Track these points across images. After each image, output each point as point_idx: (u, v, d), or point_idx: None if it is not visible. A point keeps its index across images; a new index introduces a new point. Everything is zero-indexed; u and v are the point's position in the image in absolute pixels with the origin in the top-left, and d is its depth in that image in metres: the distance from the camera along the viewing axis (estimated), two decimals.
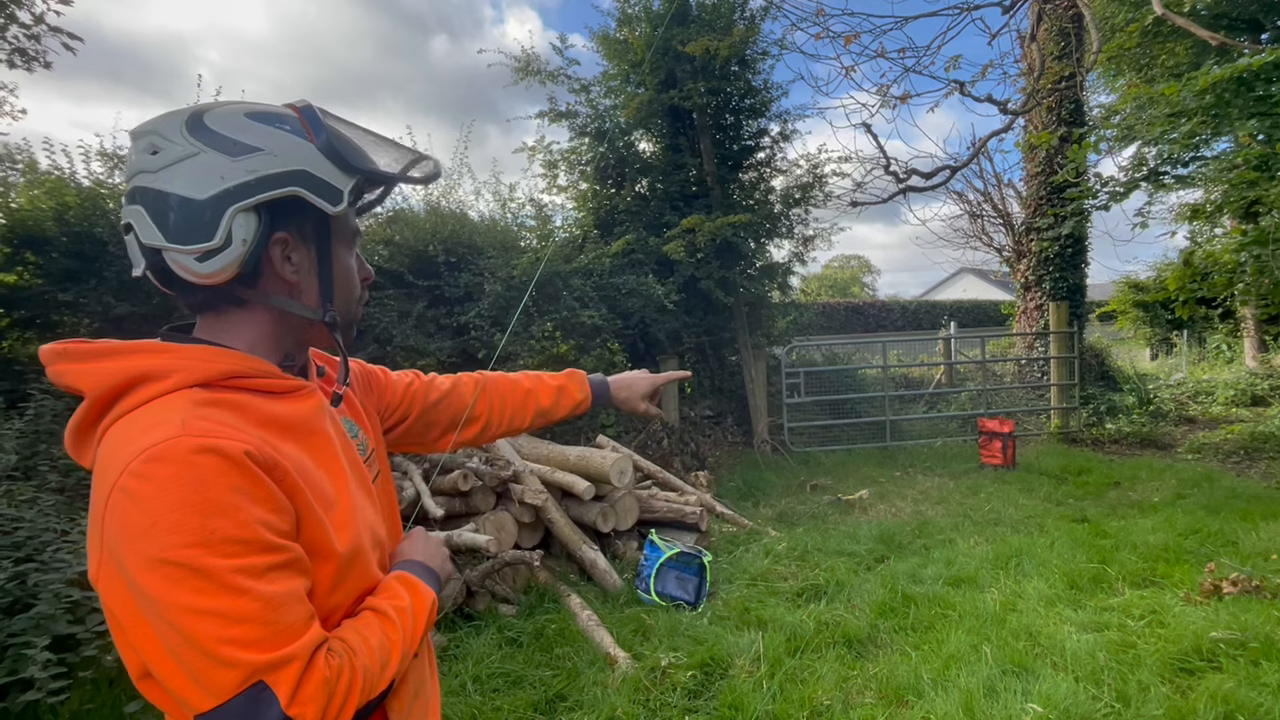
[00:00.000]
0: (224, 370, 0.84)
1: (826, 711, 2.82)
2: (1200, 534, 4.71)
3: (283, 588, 0.75)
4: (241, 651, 0.70)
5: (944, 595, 3.88)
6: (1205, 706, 2.66)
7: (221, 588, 0.70)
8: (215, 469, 0.73)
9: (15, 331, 5.19)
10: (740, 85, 8.17)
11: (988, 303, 23.50)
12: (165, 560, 0.69)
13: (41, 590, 2.71)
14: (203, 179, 0.82)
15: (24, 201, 5.08)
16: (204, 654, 0.69)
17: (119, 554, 0.71)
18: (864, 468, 7.59)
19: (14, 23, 5.62)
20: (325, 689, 0.74)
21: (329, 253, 0.93)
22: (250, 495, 0.75)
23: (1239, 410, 10.01)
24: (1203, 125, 6.12)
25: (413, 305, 6.33)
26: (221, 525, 0.72)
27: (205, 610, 0.70)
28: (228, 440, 0.75)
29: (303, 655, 0.74)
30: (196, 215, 0.82)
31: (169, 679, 0.72)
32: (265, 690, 0.71)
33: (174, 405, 0.78)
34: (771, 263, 8.89)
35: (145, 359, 0.81)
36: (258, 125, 0.85)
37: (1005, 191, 12.28)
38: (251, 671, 0.70)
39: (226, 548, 0.71)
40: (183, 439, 0.73)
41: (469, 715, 2.85)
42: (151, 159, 0.83)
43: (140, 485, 0.71)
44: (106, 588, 0.74)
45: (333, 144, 0.88)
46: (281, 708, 0.71)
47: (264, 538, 0.75)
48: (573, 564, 4.39)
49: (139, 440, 0.74)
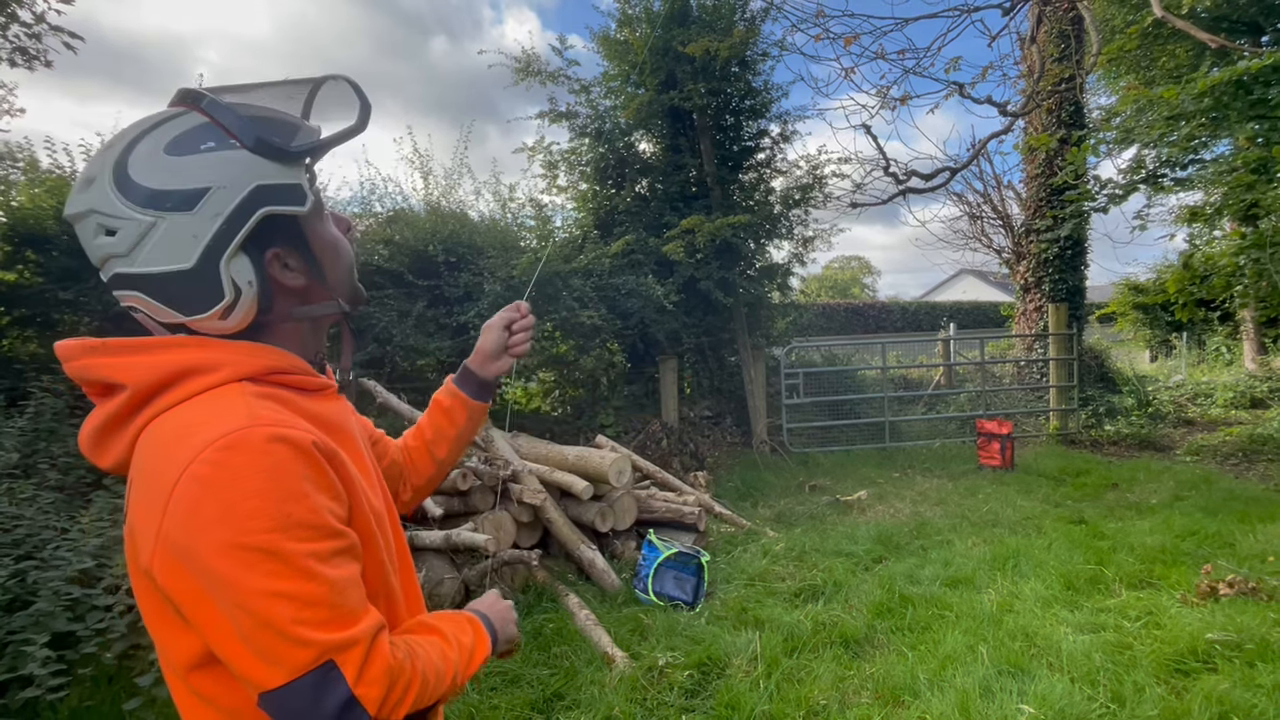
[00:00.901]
0: (267, 366, 0.86)
1: (823, 711, 2.83)
2: (1198, 536, 4.72)
3: (345, 572, 0.78)
4: (314, 631, 0.73)
5: (941, 596, 3.89)
6: (1200, 707, 2.67)
7: (296, 571, 0.73)
8: (288, 458, 0.76)
9: (15, 330, 5.20)
10: (740, 86, 8.17)
11: (987, 304, 23.51)
12: (242, 545, 0.72)
13: (41, 588, 2.72)
14: (179, 247, 0.79)
15: (25, 200, 5.09)
16: (278, 634, 0.72)
17: (186, 541, 0.72)
18: (863, 469, 7.60)
19: (15, 21, 5.63)
20: (389, 675, 0.77)
21: (309, 243, 0.90)
22: (316, 483, 0.78)
23: (1238, 412, 10.02)
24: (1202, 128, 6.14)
25: (412, 305, 6.34)
26: (295, 511, 0.75)
27: (281, 593, 0.72)
28: (297, 431, 0.78)
29: (365, 638, 0.76)
30: (196, 283, 0.81)
31: (236, 660, 0.74)
32: (334, 669, 0.74)
33: (231, 397, 0.80)
34: (771, 263, 8.90)
35: (193, 353, 0.82)
36: (185, 159, 0.80)
37: (1005, 193, 12.31)
38: (322, 651, 0.73)
39: (300, 532, 0.74)
40: (256, 428, 0.76)
41: (467, 714, 2.86)
42: (112, 242, 0.79)
43: (215, 472, 0.73)
44: (165, 575, 0.74)
45: (262, 138, 0.82)
46: (349, 686, 0.74)
47: (330, 524, 0.78)
48: (571, 563, 4.40)
49: (205, 430, 0.75)
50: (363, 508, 0.86)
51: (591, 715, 2.82)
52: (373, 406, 5.19)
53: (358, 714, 0.74)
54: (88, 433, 0.85)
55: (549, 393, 8.63)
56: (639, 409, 7.92)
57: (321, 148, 0.88)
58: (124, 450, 0.82)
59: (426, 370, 6.97)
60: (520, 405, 8.34)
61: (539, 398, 8.64)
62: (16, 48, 5.67)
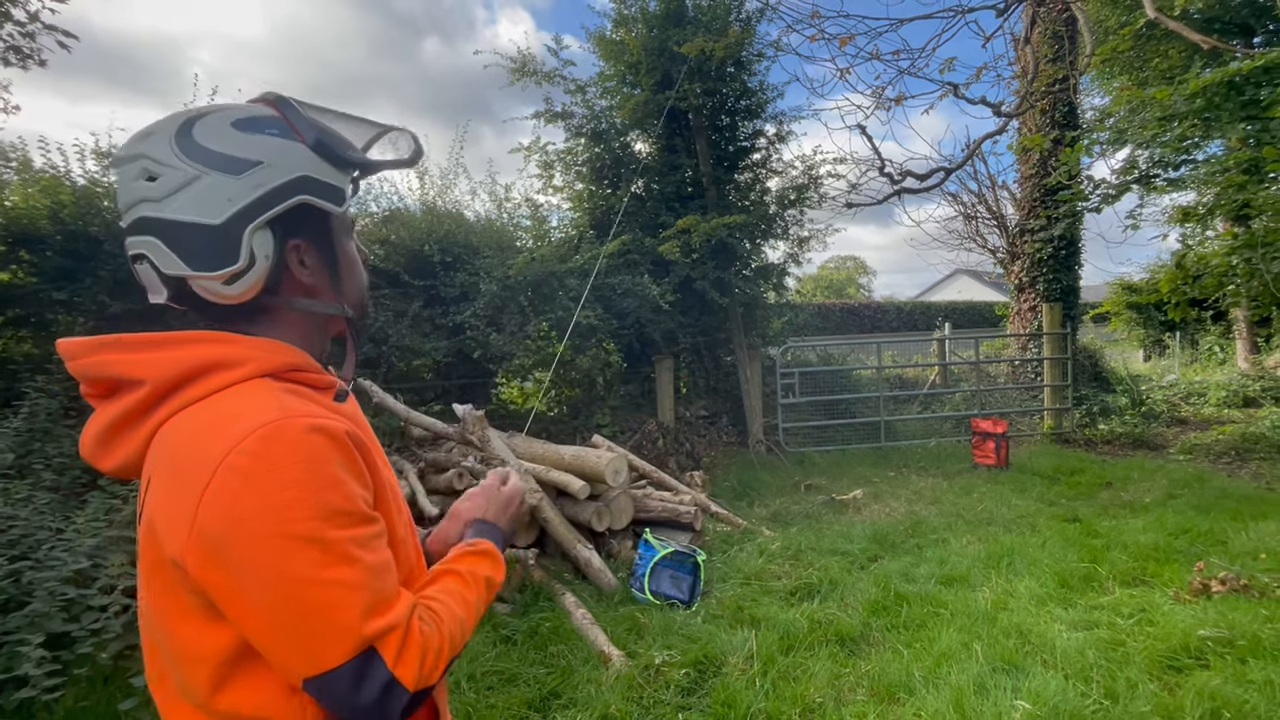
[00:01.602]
0: (288, 363, 0.87)
1: (819, 709, 2.84)
2: (1190, 534, 4.75)
3: (381, 557, 0.81)
4: (357, 618, 0.75)
5: (936, 594, 3.91)
6: (1192, 704, 2.69)
7: (338, 558, 0.75)
8: (325, 447, 0.78)
9: (9, 330, 5.18)
10: (736, 86, 8.19)
11: (982, 304, 23.59)
12: (285, 534, 0.73)
13: (36, 588, 2.72)
14: (212, 203, 0.82)
15: (19, 200, 5.07)
16: (322, 622, 0.74)
17: (225, 531, 0.73)
18: (858, 468, 7.63)
19: (9, 20, 5.61)
20: (420, 651, 0.80)
21: (334, 250, 0.95)
22: (350, 471, 0.81)
23: (1231, 411, 10.07)
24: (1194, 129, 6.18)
25: (408, 305, 6.33)
26: (333, 499, 0.77)
27: (325, 580, 0.74)
28: (332, 421, 0.81)
29: (402, 622, 0.79)
30: (216, 241, 0.82)
31: (279, 649, 0.75)
32: (375, 655, 0.76)
33: (259, 391, 0.81)
34: (767, 263, 8.91)
35: (216, 348, 0.83)
36: (248, 136, 0.84)
37: (999, 193, 12.36)
38: (365, 638, 0.76)
39: (339, 520, 0.77)
40: (294, 419, 0.77)
41: (464, 713, 2.87)
42: (150, 186, 0.82)
43: (254, 463, 0.74)
44: (200, 567, 0.74)
45: (322, 141, 0.88)
46: (389, 669, 0.77)
47: (364, 510, 0.81)
48: (567, 563, 4.41)
49: (239, 422, 0.76)
50: (386, 494, 0.89)
51: (588, 714, 2.83)
52: (369, 406, 5.18)
53: (398, 694, 0.77)
54: (92, 434, 0.84)
55: (545, 393, 8.63)
56: (635, 409, 7.93)
57: (372, 167, 0.95)
58: (136, 448, 0.82)
59: (422, 370, 6.97)
60: (516, 405, 8.34)
61: (535, 398, 8.63)
62: (10, 46, 5.65)
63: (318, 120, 0.91)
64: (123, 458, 0.83)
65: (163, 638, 0.82)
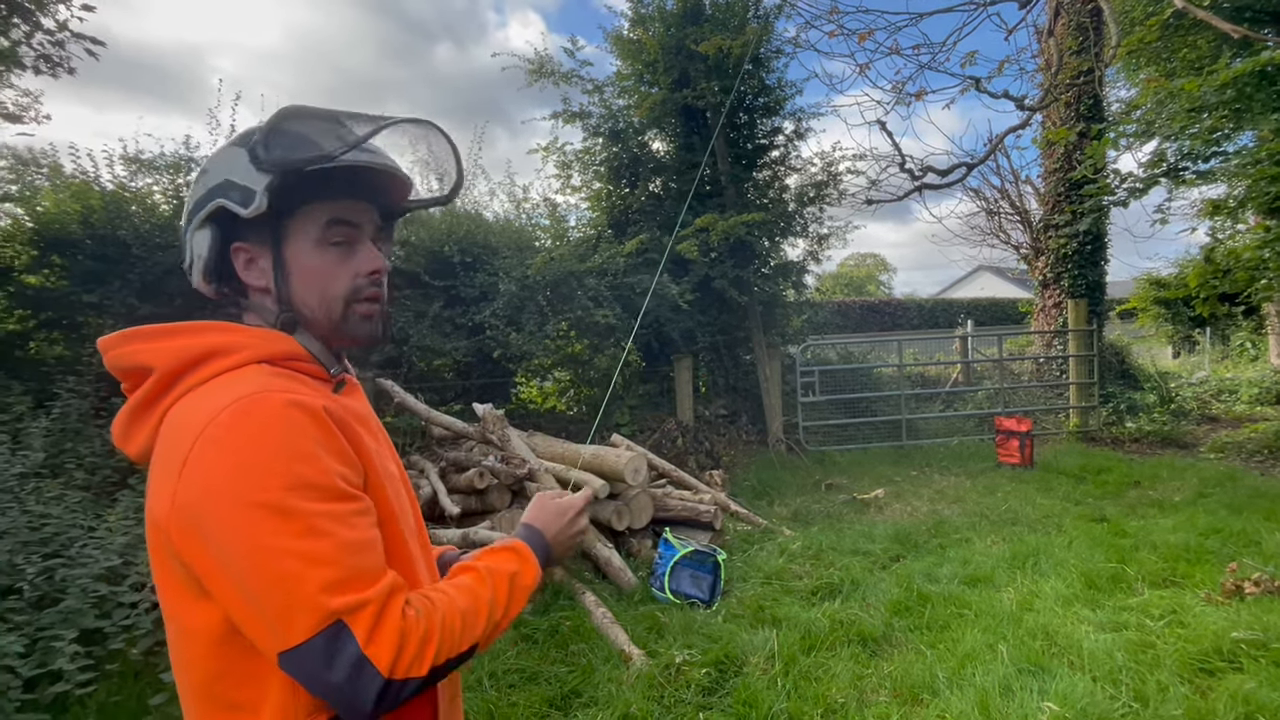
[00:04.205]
0: (285, 351, 0.90)
1: (841, 709, 2.82)
2: (1222, 534, 4.64)
3: (359, 535, 0.80)
4: (323, 591, 0.75)
5: (960, 594, 3.86)
6: (1225, 707, 2.63)
7: (306, 529, 0.75)
8: (300, 420, 0.79)
9: (41, 333, 5.30)
10: (754, 84, 8.15)
11: (1005, 300, 23.24)
12: (253, 502, 0.74)
13: (69, 585, 2.78)
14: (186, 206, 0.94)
15: (50, 205, 5.19)
16: (288, 593, 0.74)
17: (200, 501, 0.75)
18: (879, 467, 7.56)
19: (39, 30, 5.73)
20: (399, 635, 0.77)
21: (281, 254, 0.92)
22: (327, 447, 0.81)
23: (1263, 409, 9.84)
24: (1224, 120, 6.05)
25: (429, 305, 6.38)
26: (306, 471, 0.77)
27: (290, 551, 0.74)
28: (308, 397, 0.82)
29: (377, 599, 0.77)
30: (182, 239, 0.95)
31: (252, 622, 0.76)
32: (344, 629, 0.75)
33: (248, 374, 0.84)
34: (786, 261, 8.86)
35: (215, 336, 0.87)
36: (223, 148, 0.92)
37: (1023, 188, 12.17)
38: (331, 611, 0.75)
39: (310, 492, 0.77)
40: (269, 394, 0.79)
41: (485, 711, 2.88)
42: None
43: (228, 434, 0.76)
44: (182, 540, 0.77)
45: (256, 145, 0.86)
46: (360, 646, 0.75)
47: (340, 486, 0.80)
48: (587, 562, 4.41)
49: (218, 399, 0.79)
50: (379, 479, 0.89)
51: (609, 712, 2.83)
52: (390, 406, 5.23)
53: (369, 674, 0.75)
54: (119, 421, 0.89)
55: (564, 392, 8.66)
56: (654, 408, 7.93)
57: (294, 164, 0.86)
58: (150, 433, 0.86)
59: (443, 370, 7.02)
60: (536, 404, 8.38)
61: (554, 397, 8.67)
62: (41, 55, 5.77)
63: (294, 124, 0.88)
64: (140, 443, 0.87)
65: (167, 620, 0.85)
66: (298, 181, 0.87)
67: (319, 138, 0.88)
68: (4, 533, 2.93)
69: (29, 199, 5.25)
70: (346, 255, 0.95)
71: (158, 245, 5.08)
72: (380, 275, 0.99)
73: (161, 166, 5.57)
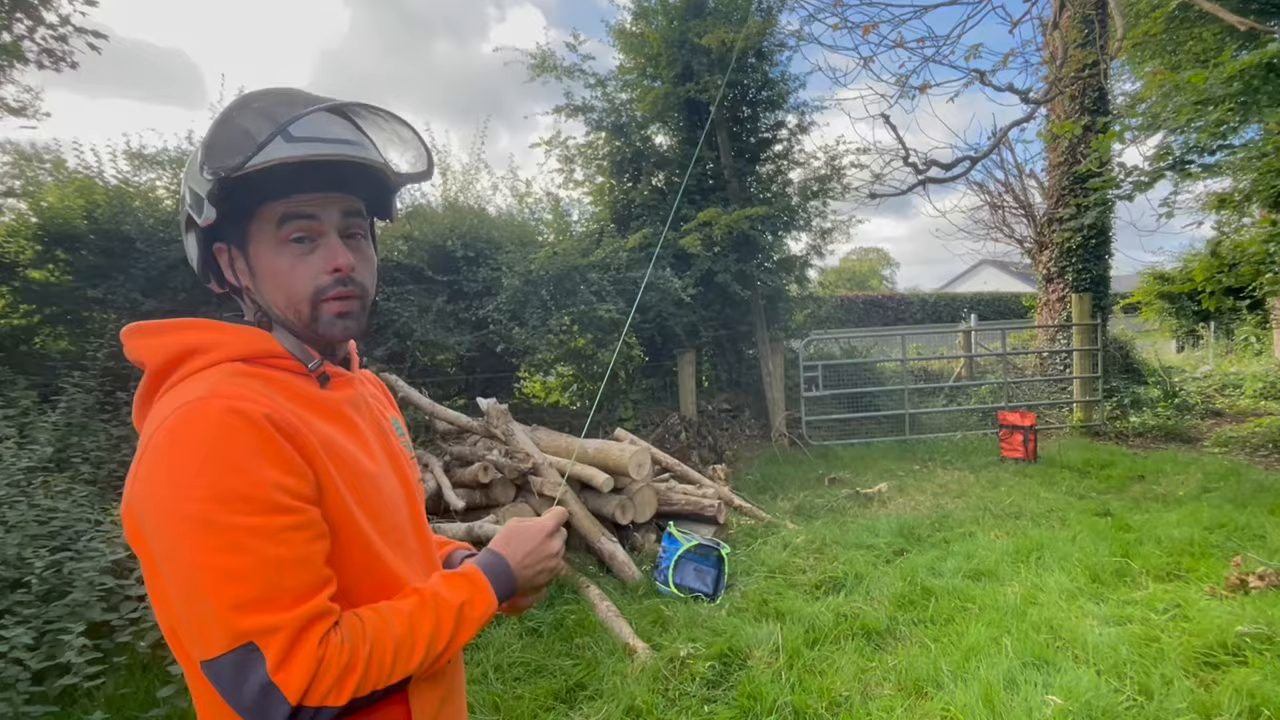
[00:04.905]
0: (262, 349, 0.90)
1: (845, 702, 2.83)
2: (1226, 528, 4.64)
3: (290, 552, 0.76)
4: (233, 610, 0.73)
5: (964, 588, 3.86)
6: (1230, 700, 2.63)
7: (226, 544, 0.73)
8: (237, 429, 0.77)
9: (46, 328, 5.32)
10: (757, 77, 8.13)
11: (1009, 295, 23.18)
12: (180, 513, 0.74)
13: (77, 578, 2.79)
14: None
15: (54, 200, 5.19)
16: (203, 607, 0.74)
17: (140, 507, 0.77)
18: (883, 461, 7.56)
19: (42, 24, 5.73)
20: (314, 664, 0.74)
21: (247, 255, 0.91)
22: (266, 457, 0.77)
23: (1267, 403, 9.81)
24: (1230, 113, 6.01)
25: (432, 300, 6.39)
26: (234, 483, 0.75)
27: (207, 566, 0.73)
28: (250, 404, 0.79)
29: (292, 625, 0.74)
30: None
31: (177, 625, 0.79)
32: (255, 651, 0.73)
33: (207, 376, 0.85)
34: (789, 256, 8.85)
35: (195, 334, 0.88)
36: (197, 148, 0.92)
37: (1027, 182, 12.13)
38: (240, 632, 0.73)
39: (237, 505, 0.74)
40: (208, 400, 0.78)
41: (491, 703, 2.90)
42: None
43: (167, 441, 0.76)
44: (132, 540, 0.82)
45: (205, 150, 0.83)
46: (268, 671, 0.73)
47: (275, 499, 0.76)
48: (592, 556, 4.42)
49: (172, 404, 0.80)
50: (337, 488, 0.84)
51: (614, 705, 2.84)
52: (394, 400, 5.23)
53: (276, 700, 0.73)
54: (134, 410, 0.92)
55: (567, 386, 8.66)
56: (657, 402, 7.93)
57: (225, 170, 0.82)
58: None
59: (446, 364, 7.03)
60: (539, 398, 8.39)
61: (557, 392, 8.67)
62: (44, 50, 5.77)
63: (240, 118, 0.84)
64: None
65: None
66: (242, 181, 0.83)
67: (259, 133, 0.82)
68: (12, 526, 2.94)
69: (33, 194, 5.26)
70: (307, 253, 0.90)
71: (161, 240, 5.09)
72: (345, 272, 0.91)
73: (165, 161, 5.57)
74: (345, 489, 0.86)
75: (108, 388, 4.57)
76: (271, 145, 0.82)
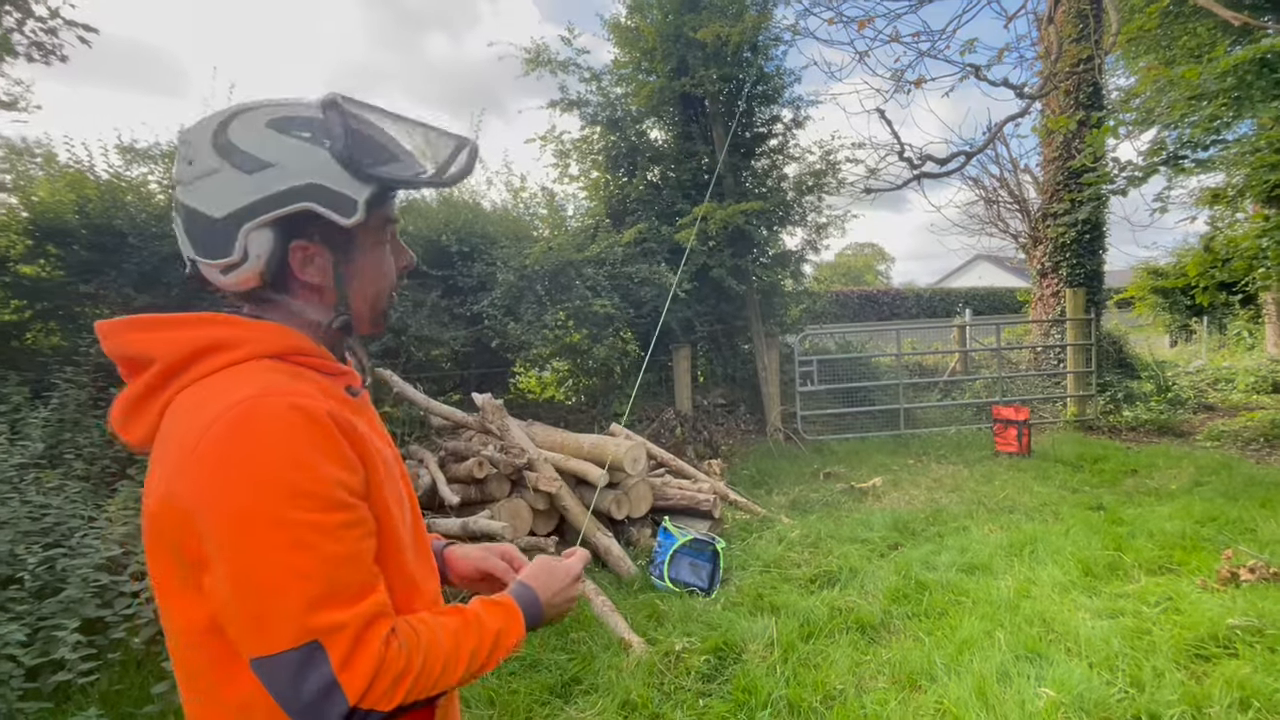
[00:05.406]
0: (291, 346, 0.88)
1: (839, 695, 2.84)
2: (1218, 521, 4.67)
3: (347, 549, 0.78)
4: (304, 607, 0.73)
5: (957, 582, 3.88)
6: (1220, 692, 2.65)
7: (296, 541, 0.74)
8: (300, 426, 0.77)
9: (38, 323, 5.28)
10: (752, 72, 8.11)
11: (1003, 290, 23.26)
12: (247, 510, 0.73)
13: (70, 575, 2.79)
14: (220, 197, 0.85)
15: (45, 194, 5.15)
16: (269, 603, 0.73)
17: (197, 503, 0.75)
18: (877, 456, 7.58)
19: (31, 17, 5.67)
20: (376, 665, 0.76)
21: (349, 256, 0.93)
22: (328, 454, 0.79)
23: (1260, 397, 9.88)
24: (1224, 108, 6.03)
25: (426, 295, 6.36)
26: (300, 479, 0.76)
27: (280, 562, 0.73)
28: (311, 401, 0.80)
29: (355, 623, 0.76)
30: (215, 232, 0.86)
31: (232, 624, 0.76)
32: (319, 650, 0.74)
33: (251, 371, 0.83)
34: (784, 250, 8.85)
35: (219, 329, 0.85)
36: (275, 136, 0.86)
37: (1021, 177, 12.15)
38: (308, 629, 0.73)
39: (303, 501, 0.75)
40: (271, 397, 0.78)
41: (486, 698, 2.90)
42: (187, 169, 0.87)
43: (229, 436, 0.75)
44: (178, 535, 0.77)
45: (349, 150, 0.86)
46: (333, 670, 0.73)
47: (337, 495, 0.78)
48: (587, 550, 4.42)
49: (223, 399, 0.78)
50: (381, 487, 0.86)
51: (609, 699, 2.85)
52: (389, 396, 5.23)
53: (337, 699, 0.73)
54: (118, 407, 0.88)
55: (563, 382, 8.66)
56: (652, 397, 7.94)
57: (395, 184, 0.91)
58: (151, 424, 0.85)
59: (441, 360, 7.01)
60: (534, 394, 8.38)
61: (553, 387, 8.67)
62: (33, 43, 5.71)
63: (365, 127, 0.90)
64: (140, 433, 0.86)
65: (163, 615, 0.85)
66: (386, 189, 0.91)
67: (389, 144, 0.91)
68: (4, 523, 2.93)
69: (23, 189, 5.22)
70: (390, 252, 0.98)
71: (154, 235, 5.05)
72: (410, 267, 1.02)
73: (157, 156, 5.53)
74: (385, 487, 0.87)
75: (100, 383, 4.54)
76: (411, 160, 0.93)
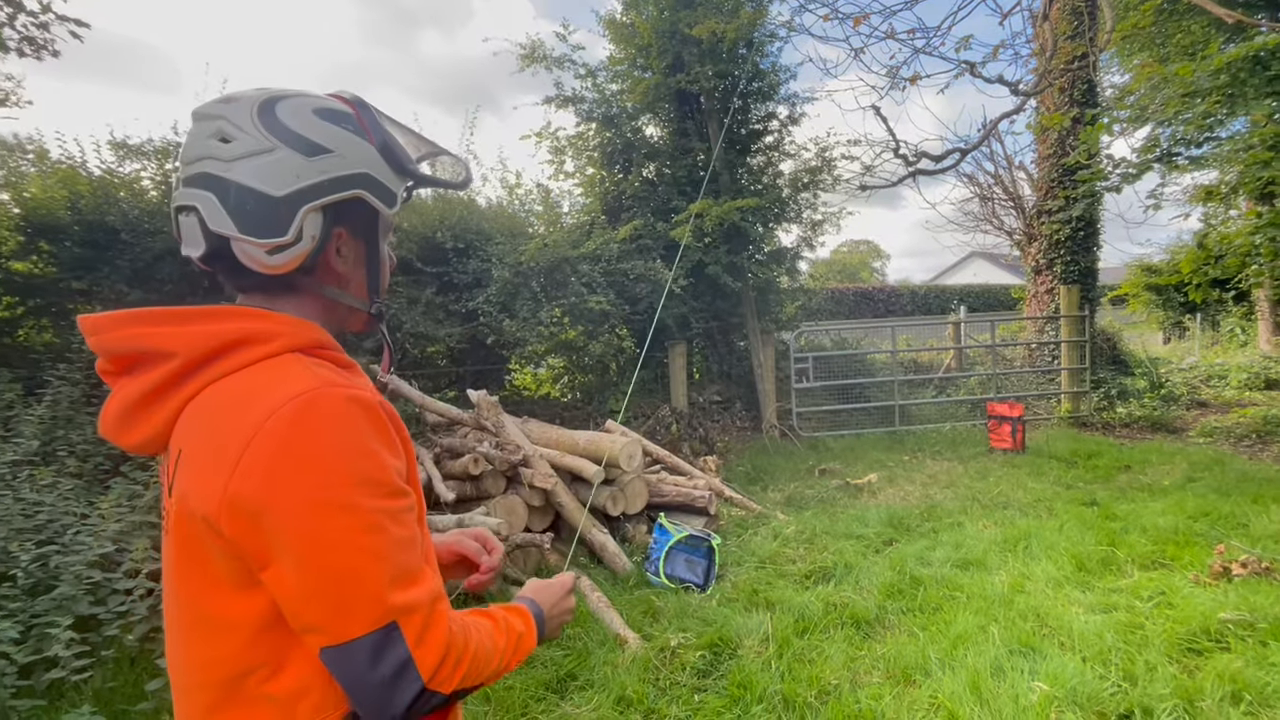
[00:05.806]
0: (317, 340, 0.90)
1: (834, 691, 2.85)
2: (1210, 517, 4.70)
3: (407, 532, 0.81)
4: (384, 587, 0.76)
5: (952, 577, 3.90)
6: (1212, 686, 2.67)
7: (368, 526, 0.76)
8: (360, 416, 0.80)
9: (30, 320, 5.25)
10: (748, 68, 8.11)
11: (998, 287, 23.33)
12: (319, 500, 0.75)
13: (63, 572, 2.78)
14: (279, 176, 0.85)
15: (37, 191, 5.12)
16: (349, 589, 0.75)
17: (262, 497, 0.74)
18: (873, 452, 7.60)
19: (22, 11, 5.63)
20: (445, 644, 0.80)
21: (377, 247, 0.99)
22: (383, 442, 0.82)
23: (1252, 394, 9.93)
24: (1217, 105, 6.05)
25: (421, 292, 6.35)
26: (367, 467, 0.78)
27: (356, 547, 0.75)
28: (363, 392, 0.82)
29: (426, 602, 0.79)
30: (271, 211, 0.85)
31: (305, 614, 0.76)
32: (396, 630, 0.76)
33: (292, 364, 0.84)
34: (780, 247, 8.86)
35: (248, 323, 0.85)
36: (326, 125, 0.89)
37: (1016, 174, 12.17)
38: (390, 607, 0.76)
39: (371, 488, 0.78)
40: (330, 389, 0.79)
41: (482, 693, 2.90)
42: (222, 147, 0.85)
43: (292, 430, 0.76)
44: (235, 532, 0.76)
45: (388, 146, 0.94)
46: (409, 648, 0.77)
47: (395, 482, 0.81)
48: (583, 547, 4.43)
49: (276, 391, 0.78)
50: (415, 475, 0.90)
51: (605, 695, 2.85)
52: (384, 393, 5.21)
53: (412, 678, 0.76)
54: (114, 410, 0.85)
55: (558, 378, 8.65)
56: (648, 394, 7.94)
57: (425, 181, 1.01)
58: (164, 421, 0.83)
59: (436, 356, 7.00)
60: (530, 390, 8.37)
61: (548, 384, 8.66)
62: (25, 38, 5.67)
63: (385, 127, 0.97)
64: (148, 432, 0.84)
65: (191, 616, 0.82)
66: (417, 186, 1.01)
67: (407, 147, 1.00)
68: None
69: (15, 185, 5.19)
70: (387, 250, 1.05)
71: (147, 231, 5.03)
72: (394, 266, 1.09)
73: (150, 152, 5.50)
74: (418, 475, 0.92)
75: (93, 380, 4.52)
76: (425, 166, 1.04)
